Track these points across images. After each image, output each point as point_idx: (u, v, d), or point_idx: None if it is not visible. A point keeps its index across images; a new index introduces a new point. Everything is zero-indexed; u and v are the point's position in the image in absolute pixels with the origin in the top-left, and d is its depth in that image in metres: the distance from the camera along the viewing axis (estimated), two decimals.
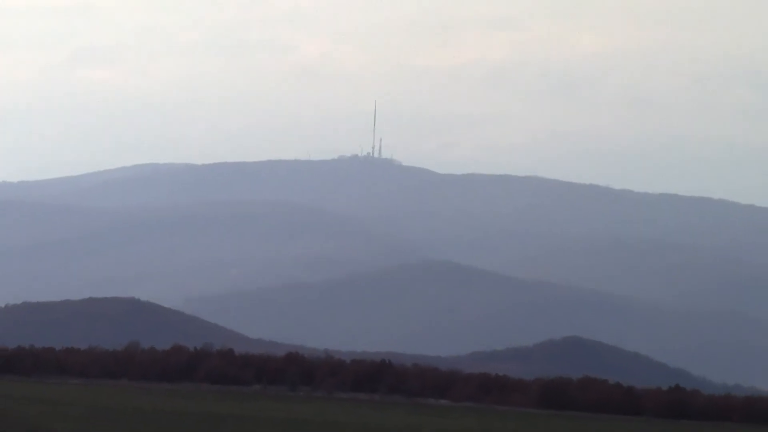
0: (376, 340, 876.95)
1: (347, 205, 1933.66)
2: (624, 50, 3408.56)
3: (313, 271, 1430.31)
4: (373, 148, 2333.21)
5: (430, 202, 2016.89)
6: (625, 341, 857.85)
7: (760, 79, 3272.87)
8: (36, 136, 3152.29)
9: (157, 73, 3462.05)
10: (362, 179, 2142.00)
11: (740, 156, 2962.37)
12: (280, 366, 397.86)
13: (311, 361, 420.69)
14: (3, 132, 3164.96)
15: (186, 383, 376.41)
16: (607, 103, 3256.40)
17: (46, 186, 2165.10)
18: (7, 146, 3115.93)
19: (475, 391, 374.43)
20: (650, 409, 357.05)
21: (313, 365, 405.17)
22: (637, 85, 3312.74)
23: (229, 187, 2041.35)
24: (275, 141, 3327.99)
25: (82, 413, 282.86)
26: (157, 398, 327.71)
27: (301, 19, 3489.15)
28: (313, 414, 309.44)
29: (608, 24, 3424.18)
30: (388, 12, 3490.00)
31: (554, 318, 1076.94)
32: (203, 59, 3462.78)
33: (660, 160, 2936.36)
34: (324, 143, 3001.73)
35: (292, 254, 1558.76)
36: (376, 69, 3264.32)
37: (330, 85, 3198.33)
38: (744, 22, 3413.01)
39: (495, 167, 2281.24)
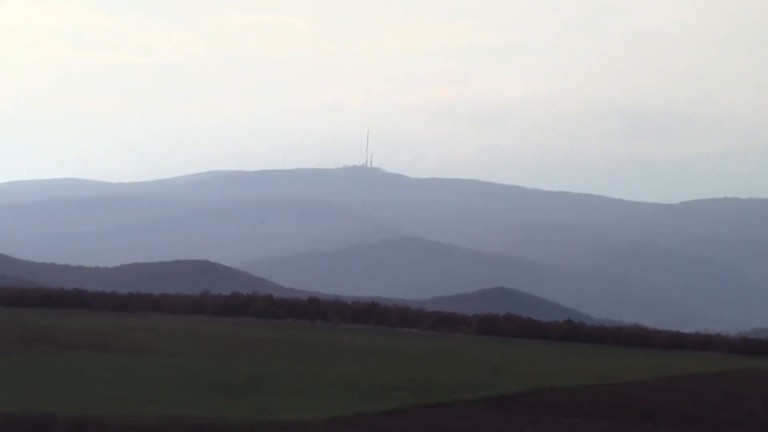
0: (368, 288, 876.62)
1: (348, 198, 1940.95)
2: (533, 94, 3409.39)
3: (325, 243, 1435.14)
4: (366, 160, 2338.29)
5: (405, 197, 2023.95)
6: (535, 290, 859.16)
7: (623, 113, 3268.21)
8: (136, 151, 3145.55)
9: (220, 112, 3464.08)
10: (358, 181, 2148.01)
11: (611, 165, 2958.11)
12: (303, 306, 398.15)
13: (325, 302, 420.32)
14: (119, 145, 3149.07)
15: (241, 318, 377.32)
16: (524, 130, 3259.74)
17: (143, 185, 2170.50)
18: (119, 156, 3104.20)
19: (434, 323, 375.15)
20: (552, 334, 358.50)
21: (325, 305, 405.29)
22: (541, 119, 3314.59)
23: (269, 186, 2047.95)
24: (301, 155, 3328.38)
25: (175, 337, 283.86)
26: (222, 327, 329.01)
27: (320, 71, 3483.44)
28: (325, 338, 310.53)
29: (523, 76, 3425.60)
30: (377, 69, 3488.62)
31: (488, 274, 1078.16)
32: (253, 108, 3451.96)
33: (558, 167, 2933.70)
34: (333, 157, 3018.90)
35: (312, 232, 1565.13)
36: (369, 106, 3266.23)
37: (337, 117, 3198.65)
38: (618, 74, 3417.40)
39: (449, 173, 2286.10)
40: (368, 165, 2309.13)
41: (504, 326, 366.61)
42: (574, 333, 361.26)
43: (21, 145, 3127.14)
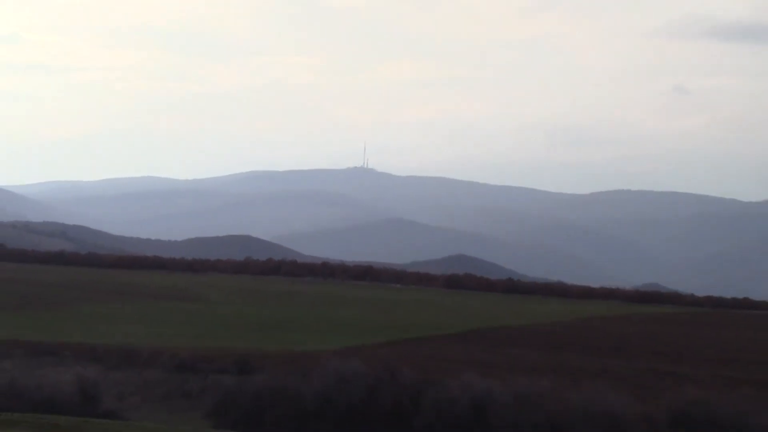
0: (365, 255, 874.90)
1: (350, 191, 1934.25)
2: (486, 114, 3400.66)
3: (334, 223, 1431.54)
4: (364, 162, 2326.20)
5: (392, 190, 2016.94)
6: (486, 256, 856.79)
7: (551, 128, 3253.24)
8: (198, 156, 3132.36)
9: (255, 127, 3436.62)
10: (358, 178, 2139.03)
11: (541, 166, 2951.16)
12: (318, 268, 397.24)
13: (334, 265, 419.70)
14: (185, 151, 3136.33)
15: (274, 276, 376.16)
16: (480, 140, 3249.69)
17: (202, 181, 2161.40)
18: (185, 159, 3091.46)
19: (414, 280, 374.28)
20: (498, 288, 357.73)
21: (334, 267, 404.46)
22: (492, 132, 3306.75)
23: (293, 182, 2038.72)
24: (316, 159, 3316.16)
25: (226, 291, 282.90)
26: (261, 283, 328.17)
27: (330, 97, 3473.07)
28: (334, 291, 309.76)
29: (479, 100, 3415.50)
30: (373, 95, 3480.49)
31: (452, 245, 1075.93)
32: (280, 125, 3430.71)
33: (504, 167, 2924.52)
34: (339, 160, 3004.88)
35: (324, 215, 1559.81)
36: (366, 122, 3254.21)
37: (343, 130, 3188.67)
38: (548, 99, 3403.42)
39: (425, 172, 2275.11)
40: (365, 166, 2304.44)
41: (464, 282, 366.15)
42: (515, 287, 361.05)
43: (114, 152, 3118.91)
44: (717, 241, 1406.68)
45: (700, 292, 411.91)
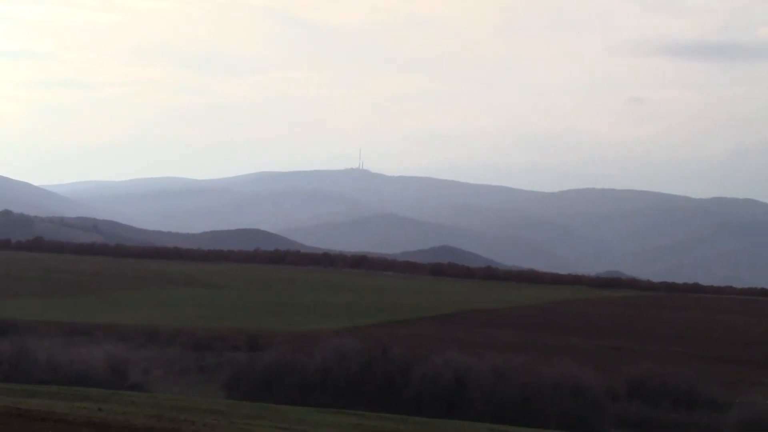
0: (360, 246, 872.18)
1: (348, 189, 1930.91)
2: (467, 123, 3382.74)
3: (333, 218, 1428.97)
4: (359, 164, 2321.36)
5: (384, 188, 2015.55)
6: (467, 247, 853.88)
7: (524, 137, 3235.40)
8: (213, 158, 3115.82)
9: (262, 133, 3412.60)
10: (354, 178, 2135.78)
11: (515, 168, 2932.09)
12: (319, 257, 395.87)
13: (333, 255, 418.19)
14: (202, 154, 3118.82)
15: (280, 265, 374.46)
16: (461, 146, 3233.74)
17: (217, 181, 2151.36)
18: (202, 161, 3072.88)
19: (403, 268, 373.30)
20: (477, 275, 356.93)
21: (333, 257, 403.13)
22: (472, 139, 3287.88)
23: (296, 181, 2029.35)
24: (317, 161, 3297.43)
25: (237, 278, 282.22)
26: (268, 271, 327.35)
27: (330, 107, 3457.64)
28: (333, 278, 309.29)
29: (461, 112, 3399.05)
30: (368, 106, 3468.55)
31: (437, 237, 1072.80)
32: (284, 132, 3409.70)
33: (482, 168, 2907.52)
34: (338, 162, 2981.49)
35: (325, 211, 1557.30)
36: (362, 129, 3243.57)
37: (341, 137, 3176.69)
38: (521, 111, 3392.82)
39: (413, 173, 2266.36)
40: (361, 168, 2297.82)
41: (447, 270, 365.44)
42: (492, 274, 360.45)
43: (140, 155, 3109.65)
44: (671, 232, 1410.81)
45: (656, 278, 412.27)
